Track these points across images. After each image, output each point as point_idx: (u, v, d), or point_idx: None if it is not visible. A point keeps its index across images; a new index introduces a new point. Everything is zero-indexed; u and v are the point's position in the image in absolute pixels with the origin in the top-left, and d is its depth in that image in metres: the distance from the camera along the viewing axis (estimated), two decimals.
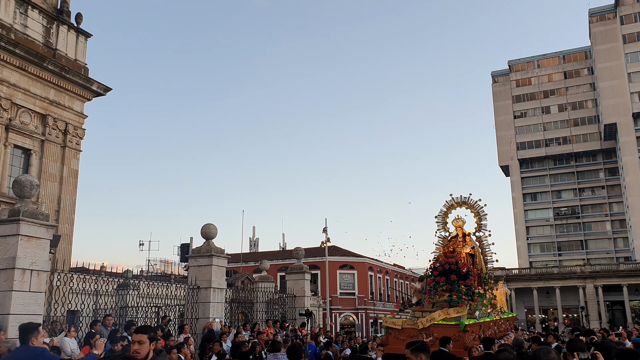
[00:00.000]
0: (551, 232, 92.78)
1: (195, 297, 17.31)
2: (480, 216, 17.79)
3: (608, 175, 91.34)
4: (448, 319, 13.35)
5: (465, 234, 17.39)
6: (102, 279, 22.75)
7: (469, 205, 17.76)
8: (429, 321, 13.38)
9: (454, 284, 14.18)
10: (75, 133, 21.78)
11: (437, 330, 13.04)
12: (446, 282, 14.31)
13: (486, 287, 16.86)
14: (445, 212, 17.84)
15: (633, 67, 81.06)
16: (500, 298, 18.52)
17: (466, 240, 17.25)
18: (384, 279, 64.38)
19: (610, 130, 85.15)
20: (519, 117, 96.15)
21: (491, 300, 16.61)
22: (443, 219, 17.83)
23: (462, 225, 17.41)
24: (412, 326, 13.55)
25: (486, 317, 15.30)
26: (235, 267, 51.67)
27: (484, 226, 17.92)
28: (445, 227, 17.78)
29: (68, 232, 20.86)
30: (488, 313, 15.76)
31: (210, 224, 18.07)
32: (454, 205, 17.79)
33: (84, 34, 22.74)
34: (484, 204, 17.76)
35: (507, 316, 18.46)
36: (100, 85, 22.62)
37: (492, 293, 17.26)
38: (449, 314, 13.37)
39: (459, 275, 14.37)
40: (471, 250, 17.14)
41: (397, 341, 13.28)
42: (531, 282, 65.85)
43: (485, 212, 17.81)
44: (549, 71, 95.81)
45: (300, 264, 25.88)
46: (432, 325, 13.31)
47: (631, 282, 60.69)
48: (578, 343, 5.20)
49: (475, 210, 17.77)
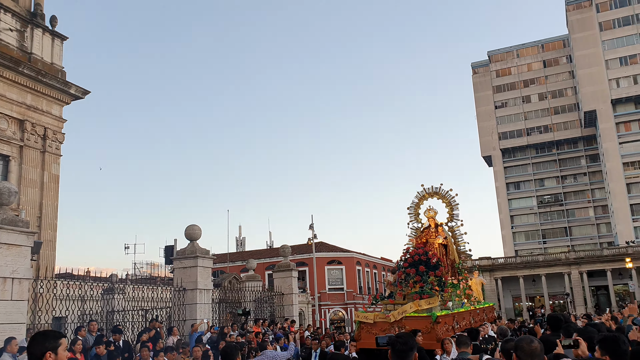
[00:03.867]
0: (535, 220, 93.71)
1: (182, 299, 17.22)
2: (452, 206, 17.80)
3: (589, 161, 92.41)
4: (420, 310, 13.23)
5: (437, 225, 17.36)
6: (88, 284, 22.51)
7: (440, 195, 17.78)
8: (400, 314, 13.27)
9: (424, 275, 14.08)
10: (54, 138, 21.48)
11: (409, 322, 12.92)
12: (416, 274, 14.19)
13: (460, 277, 16.84)
14: (417, 203, 17.81)
15: (610, 54, 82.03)
16: (475, 288, 18.48)
17: (438, 230, 17.23)
18: (372, 273, 64.61)
19: (590, 117, 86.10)
20: (500, 107, 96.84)
21: (465, 290, 16.57)
22: (415, 210, 17.78)
23: (434, 216, 17.37)
24: (384, 320, 13.45)
25: (460, 307, 15.19)
26: (222, 267, 51.51)
27: (456, 216, 17.92)
28: (417, 218, 17.75)
29: (51, 238, 20.59)
30: (462, 303, 15.66)
31: (194, 225, 17.97)
32: (425, 196, 17.77)
33: (59, 37, 22.41)
34: (455, 194, 17.79)
35: (484, 306, 18.27)
36: (79, 89, 22.32)
37: (467, 283, 17.22)
38: (421, 305, 13.27)
39: (429, 265, 14.29)
40: (444, 241, 17.14)
41: (370, 335, 13.05)
42: (517, 271, 66.48)
43: (456, 201, 17.84)
44: (528, 60, 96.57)
45: (288, 262, 25.85)
46: (404, 318, 13.19)
47: (615, 267, 61.53)
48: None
49: (446, 200, 17.78)
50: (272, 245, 66.28)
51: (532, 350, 4.06)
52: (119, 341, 13.16)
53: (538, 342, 4.19)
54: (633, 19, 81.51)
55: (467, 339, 7.71)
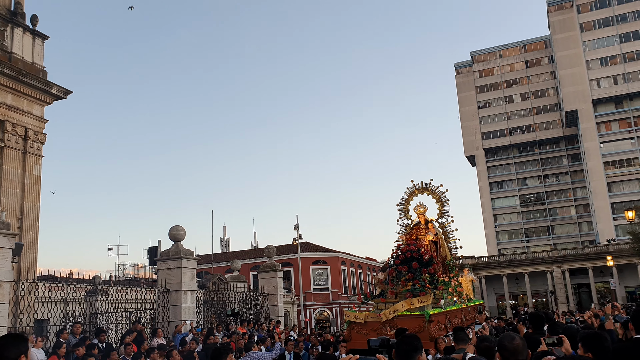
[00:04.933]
0: (518, 219, 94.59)
1: (166, 300, 17.10)
2: (442, 202, 17.36)
3: (571, 161, 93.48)
4: (412, 309, 12.85)
5: (427, 221, 16.93)
6: (70, 286, 22.26)
7: (430, 191, 17.34)
8: (392, 313, 12.85)
9: (417, 272, 13.65)
10: (35, 138, 21.20)
11: (401, 322, 12.51)
12: (408, 271, 13.75)
13: (451, 275, 16.41)
14: (407, 200, 17.35)
15: (591, 54, 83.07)
16: (466, 285, 18.04)
17: (429, 227, 16.80)
18: (357, 273, 64.70)
19: (571, 117, 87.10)
20: (483, 107, 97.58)
21: (457, 287, 16.16)
22: (405, 207, 17.34)
23: (424, 212, 16.96)
24: (376, 319, 13.01)
25: (452, 305, 14.83)
26: (207, 268, 51.25)
27: (447, 212, 17.49)
28: (407, 214, 17.32)
29: (32, 239, 20.29)
30: (454, 301, 15.26)
31: (178, 226, 17.85)
32: (415, 192, 17.32)
33: (40, 36, 22.11)
34: (445, 190, 17.34)
35: (474, 304, 17.97)
36: (60, 89, 22.03)
37: (458, 280, 16.79)
38: (413, 304, 12.87)
39: (421, 262, 13.88)
40: (434, 237, 16.72)
41: (361, 335, 12.68)
42: (500, 269, 67.03)
43: (447, 197, 17.39)
44: (511, 61, 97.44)
45: (272, 262, 25.78)
46: (396, 317, 12.77)
47: (596, 265, 62.27)
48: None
49: (437, 196, 17.35)
50: (257, 245, 66.04)
51: (515, 347, 4.08)
52: (103, 343, 13.03)
53: (520, 338, 4.22)
54: (613, 20, 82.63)
55: (466, 335, 7.40)
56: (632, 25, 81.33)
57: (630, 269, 60.74)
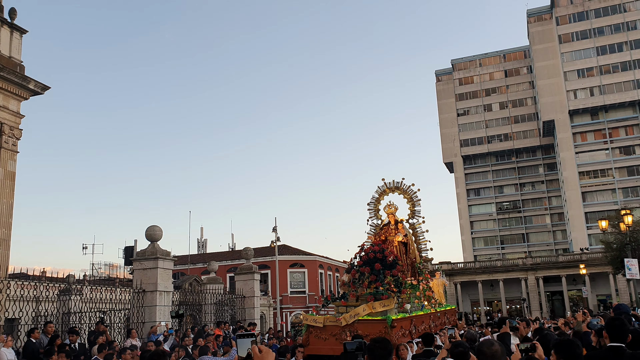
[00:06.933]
0: (494, 227, 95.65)
1: (141, 300, 16.93)
2: (413, 202, 16.76)
3: (547, 170, 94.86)
4: (374, 313, 12.13)
5: (397, 221, 16.27)
6: (43, 284, 21.90)
7: (401, 190, 16.74)
8: (352, 317, 12.07)
9: (379, 274, 12.89)
10: (11, 134, 20.83)
11: (361, 327, 11.76)
12: (371, 273, 12.97)
13: (420, 278, 15.70)
14: (377, 199, 16.73)
15: (568, 66, 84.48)
16: (437, 290, 17.29)
17: (399, 227, 16.13)
18: (334, 276, 64.75)
19: (548, 126, 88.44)
20: (462, 115, 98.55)
21: (425, 291, 15.42)
22: (375, 206, 16.71)
23: (394, 212, 16.31)
24: (335, 323, 12.25)
25: (419, 310, 14.09)
26: (183, 269, 50.82)
27: (418, 212, 16.87)
28: (377, 214, 16.69)
29: (5, 237, 19.93)
30: (422, 306, 14.51)
31: (154, 226, 17.71)
32: (386, 191, 16.73)
33: (18, 30, 21.75)
34: (417, 189, 16.76)
35: (445, 309, 17.04)
36: (38, 84, 21.70)
37: (427, 284, 16.05)
38: (375, 308, 12.14)
39: (385, 264, 13.09)
40: (404, 239, 16.05)
41: (319, 340, 12.08)
42: (476, 276, 67.68)
43: (418, 197, 16.80)
44: (491, 70, 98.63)
45: (250, 264, 25.71)
46: (357, 322, 12.01)
47: (569, 273, 63.18)
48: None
49: (408, 195, 16.74)
50: (235, 247, 65.70)
51: (493, 353, 4.12)
52: (75, 343, 12.84)
53: (499, 344, 4.26)
54: (591, 32, 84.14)
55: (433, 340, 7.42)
56: (609, 39, 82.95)
57: (602, 278, 61.78)
